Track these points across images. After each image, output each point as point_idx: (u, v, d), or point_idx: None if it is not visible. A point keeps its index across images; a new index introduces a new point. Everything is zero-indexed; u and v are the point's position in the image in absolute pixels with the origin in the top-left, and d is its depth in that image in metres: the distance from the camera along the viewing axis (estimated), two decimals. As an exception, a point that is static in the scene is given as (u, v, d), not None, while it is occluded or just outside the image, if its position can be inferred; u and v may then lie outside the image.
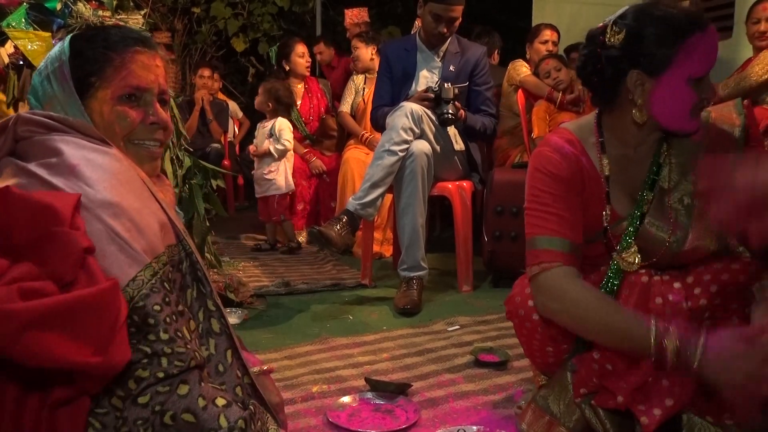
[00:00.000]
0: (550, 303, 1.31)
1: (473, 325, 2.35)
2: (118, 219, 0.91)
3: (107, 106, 1.05)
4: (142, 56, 1.08)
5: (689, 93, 1.25)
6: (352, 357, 2.03)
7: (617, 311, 1.24)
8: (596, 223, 1.37)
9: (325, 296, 2.80)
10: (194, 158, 2.68)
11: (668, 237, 1.31)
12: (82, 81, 1.05)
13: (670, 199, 1.33)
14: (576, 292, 1.27)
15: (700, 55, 1.23)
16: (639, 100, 1.28)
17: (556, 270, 1.30)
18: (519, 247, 2.84)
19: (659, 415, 1.21)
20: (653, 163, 1.35)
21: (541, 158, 1.37)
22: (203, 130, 5.27)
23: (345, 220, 2.54)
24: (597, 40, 1.31)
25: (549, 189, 1.34)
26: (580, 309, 1.26)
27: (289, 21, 7.20)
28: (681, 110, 1.27)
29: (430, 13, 2.85)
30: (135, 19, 2.60)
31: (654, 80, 1.25)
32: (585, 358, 1.34)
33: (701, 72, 1.24)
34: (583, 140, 1.38)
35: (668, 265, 1.35)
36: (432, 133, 2.70)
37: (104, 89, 1.05)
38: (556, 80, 3.50)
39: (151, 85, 1.08)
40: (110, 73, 1.05)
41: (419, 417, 1.58)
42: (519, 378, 1.84)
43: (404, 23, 6.32)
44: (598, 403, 1.30)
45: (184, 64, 6.77)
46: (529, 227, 1.36)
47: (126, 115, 1.06)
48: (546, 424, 1.40)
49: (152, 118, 1.08)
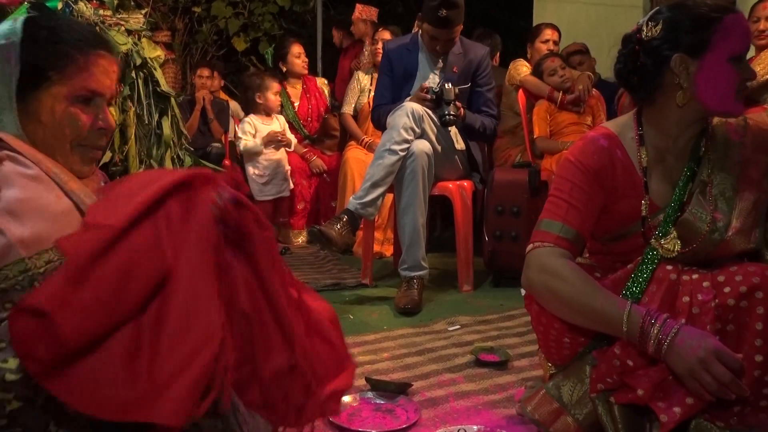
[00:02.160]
0: (534, 275, 1.36)
1: (474, 324, 2.35)
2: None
3: (60, 104, 1.03)
4: (104, 60, 1.07)
5: (732, 71, 1.31)
6: (353, 356, 2.03)
7: (595, 291, 1.28)
8: (634, 214, 1.40)
9: (326, 295, 2.80)
10: (195, 157, 2.68)
11: (708, 225, 1.33)
12: (35, 70, 1.02)
13: (711, 190, 1.36)
14: (558, 267, 1.32)
15: (736, 34, 1.30)
16: (685, 83, 1.33)
17: (546, 248, 1.36)
18: (520, 247, 2.85)
19: (680, 414, 1.21)
20: (692, 157, 1.39)
21: (573, 149, 1.43)
22: (204, 130, 5.27)
23: (345, 220, 2.54)
24: (634, 38, 1.38)
25: (572, 178, 1.39)
26: (560, 283, 1.31)
27: (290, 20, 7.21)
28: (726, 89, 1.32)
29: (427, 33, 2.86)
30: (136, 18, 2.61)
31: (697, 61, 1.31)
32: (606, 353, 1.34)
33: (739, 50, 1.31)
34: (621, 135, 1.43)
35: (704, 258, 1.36)
36: (433, 133, 2.70)
37: (60, 86, 1.03)
38: (563, 78, 3.49)
39: (105, 91, 1.08)
40: (71, 72, 1.03)
41: (420, 417, 1.58)
42: (520, 378, 1.85)
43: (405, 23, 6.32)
44: (618, 399, 1.30)
45: (185, 63, 6.77)
46: (543, 212, 1.42)
47: (78, 119, 1.04)
48: (553, 411, 1.40)
49: (101, 123, 1.08)
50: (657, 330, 1.19)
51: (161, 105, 2.59)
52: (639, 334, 1.22)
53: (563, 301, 1.32)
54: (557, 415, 1.39)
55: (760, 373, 1.21)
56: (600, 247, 1.51)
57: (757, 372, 1.20)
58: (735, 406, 1.24)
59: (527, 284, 1.39)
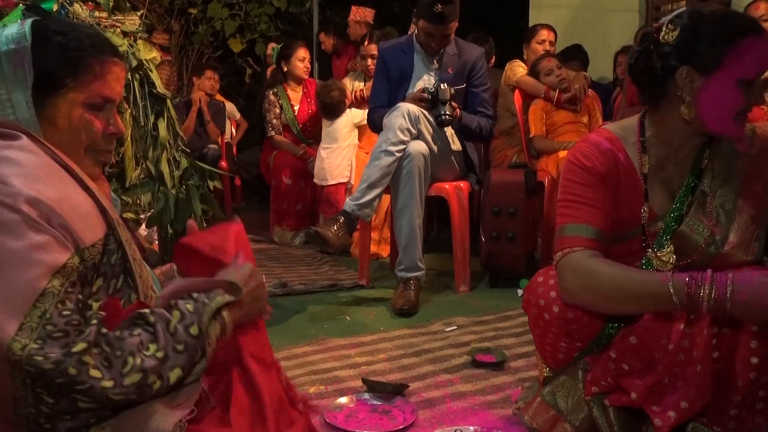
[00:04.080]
0: (570, 282, 1.29)
1: (470, 325, 2.35)
2: (37, 210, 0.92)
3: (77, 110, 1.04)
4: (117, 68, 1.09)
5: (737, 95, 1.25)
6: (350, 358, 2.03)
7: (634, 275, 1.23)
8: (633, 220, 1.38)
9: (322, 297, 2.80)
10: (191, 159, 2.67)
11: (706, 239, 1.31)
12: (50, 76, 1.03)
13: (712, 202, 1.33)
14: (592, 266, 1.27)
15: (753, 57, 1.23)
16: (687, 97, 1.28)
17: (577, 252, 1.30)
18: (516, 247, 2.86)
19: (674, 418, 1.21)
20: (695, 168, 1.36)
21: (576, 152, 1.39)
22: (200, 132, 5.27)
23: (342, 221, 2.54)
24: (651, 37, 1.32)
25: (582, 180, 1.35)
26: (598, 281, 1.25)
27: (286, 22, 7.20)
28: (726, 112, 1.26)
29: (422, 29, 2.86)
30: (132, 20, 2.60)
31: (704, 78, 1.25)
32: (601, 358, 1.33)
33: (752, 75, 1.24)
34: (623, 139, 1.39)
35: (700, 269, 1.35)
36: (429, 134, 2.70)
37: (77, 93, 1.04)
38: (559, 78, 3.49)
39: (117, 97, 1.10)
40: (88, 79, 1.04)
41: (416, 417, 1.58)
42: (516, 378, 1.85)
43: (401, 24, 6.32)
44: (612, 401, 1.30)
45: (181, 65, 6.76)
46: (560, 217, 1.37)
47: (92, 125, 1.06)
48: (551, 418, 1.40)
49: (112, 128, 1.09)
50: (708, 290, 1.13)
51: (157, 107, 2.58)
52: (687, 301, 1.16)
53: (607, 296, 1.26)
54: (554, 422, 1.40)
55: (756, 375, 1.20)
56: None
57: (752, 374, 1.20)
58: (732, 409, 1.24)
59: (565, 294, 1.32)
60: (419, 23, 2.87)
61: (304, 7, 6.97)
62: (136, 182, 2.52)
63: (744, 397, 1.22)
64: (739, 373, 1.21)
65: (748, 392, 1.21)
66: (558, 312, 1.36)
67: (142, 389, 0.90)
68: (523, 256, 2.79)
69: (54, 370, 0.85)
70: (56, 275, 0.90)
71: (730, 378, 1.22)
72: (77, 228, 0.96)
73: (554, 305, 1.36)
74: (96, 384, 0.87)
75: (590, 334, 1.36)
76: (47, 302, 0.88)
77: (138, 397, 0.91)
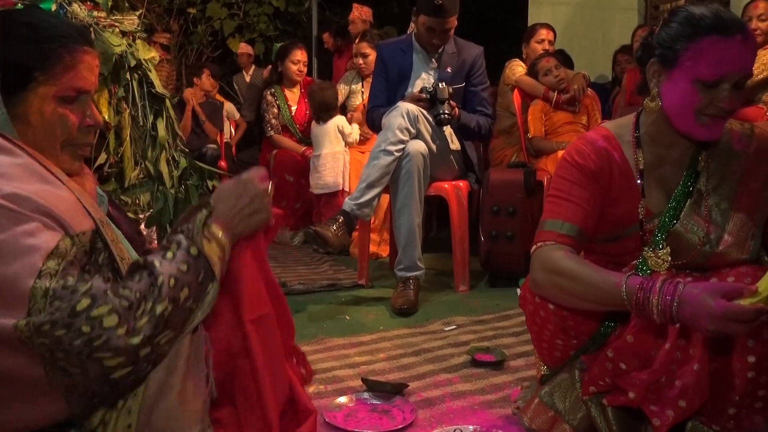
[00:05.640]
0: (537, 275, 1.33)
1: (470, 324, 2.35)
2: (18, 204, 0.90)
3: (49, 105, 1.00)
4: (88, 57, 1.03)
5: (693, 95, 1.24)
6: (349, 357, 2.03)
7: (593, 274, 1.24)
8: (629, 219, 1.39)
9: (322, 297, 2.80)
10: (190, 159, 2.67)
11: (701, 239, 1.31)
12: (18, 70, 0.97)
13: (708, 201, 1.33)
14: (556, 259, 1.30)
15: (710, 59, 1.21)
16: (654, 89, 1.31)
17: (547, 246, 1.33)
18: (515, 247, 2.86)
19: (672, 417, 1.21)
20: (691, 167, 1.36)
21: (572, 149, 1.41)
22: (199, 131, 5.27)
23: (341, 221, 2.54)
24: (653, 29, 1.35)
25: (571, 177, 1.37)
26: (561, 277, 1.28)
27: (285, 21, 7.21)
28: (684, 110, 1.27)
29: (423, 24, 2.85)
30: (130, 20, 2.60)
31: (666, 73, 1.28)
32: (598, 357, 1.34)
33: (709, 76, 1.22)
34: (620, 137, 1.40)
35: (696, 268, 1.35)
36: (428, 133, 2.70)
37: (47, 86, 0.99)
38: (557, 78, 3.49)
39: (91, 87, 1.05)
40: (58, 71, 0.99)
41: (416, 417, 1.58)
42: (515, 377, 1.85)
43: (400, 23, 6.33)
44: (610, 401, 1.30)
45: (180, 65, 6.76)
46: (544, 212, 1.40)
47: (67, 119, 1.02)
48: (549, 419, 1.40)
49: (89, 120, 1.05)
50: (655, 301, 1.13)
51: (156, 106, 2.58)
52: (637, 309, 1.16)
53: (568, 291, 1.28)
54: (553, 423, 1.40)
55: (753, 375, 1.20)
56: (595, 247, 1.51)
57: (750, 373, 1.20)
58: (730, 408, 1.24)
59: (534, 286, 1.36)
60: (419, 19, 2.87)
61: (303, 6, 6.98)
62: (135, 182, 2.52)
63: (742, 396, 1.22)
64: (736, 371, 1.21)
65: (746, 391, 1.21)
66: (554, 309, 1.36)
67: (157, 328, 0.91)
68: (522, 256, 2.79)
69: (66, 334, 0.84)
70: (50, 257, 0.88)
71: (728, 377, 1.22)
72: (64, 216, 0.93)
73: (550, 303, 1.37)
74: (112, 334, 0.86)
75: (586, 331, 1.36)
76: (47, 281, 0.86)
77: (153, 333, 0.91)
